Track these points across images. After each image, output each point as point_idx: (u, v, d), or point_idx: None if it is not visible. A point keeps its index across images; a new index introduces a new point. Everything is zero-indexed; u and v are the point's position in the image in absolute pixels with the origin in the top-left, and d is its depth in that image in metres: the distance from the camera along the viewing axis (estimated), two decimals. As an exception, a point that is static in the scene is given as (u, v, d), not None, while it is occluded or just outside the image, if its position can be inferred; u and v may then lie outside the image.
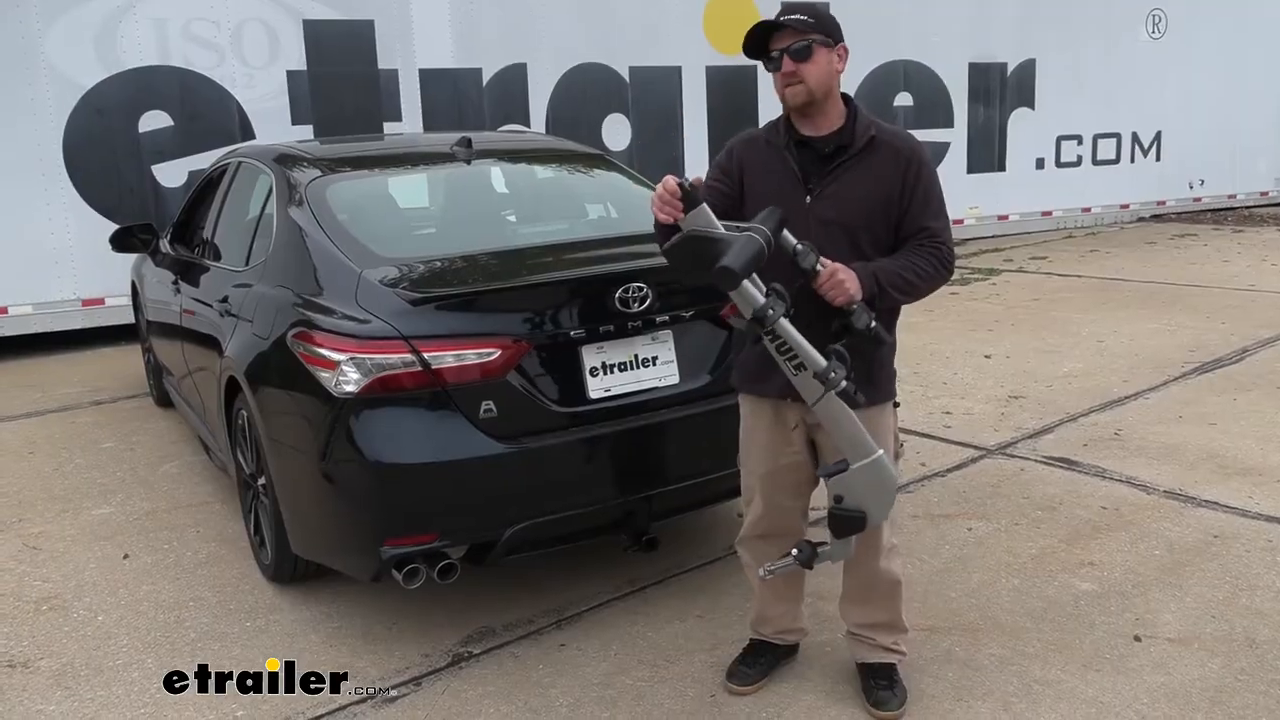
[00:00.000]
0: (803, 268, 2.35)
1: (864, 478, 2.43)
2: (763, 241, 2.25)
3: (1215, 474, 4.36)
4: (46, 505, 4.55)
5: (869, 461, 2.42)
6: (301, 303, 3.29)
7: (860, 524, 2.46)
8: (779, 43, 2.49)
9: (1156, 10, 12.49)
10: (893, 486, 2.46)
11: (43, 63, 7.36)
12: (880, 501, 2.46)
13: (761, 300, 2.28)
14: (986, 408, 5.42)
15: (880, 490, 2.45)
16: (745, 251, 2.21)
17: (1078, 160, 12.45)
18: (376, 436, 2.97)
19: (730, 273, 2.19)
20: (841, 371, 2.32)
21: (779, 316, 2.28)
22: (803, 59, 2.47)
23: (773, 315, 2.28)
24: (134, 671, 3.13)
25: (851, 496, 2.45)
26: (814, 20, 2.48)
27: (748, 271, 2.23)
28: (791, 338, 2.32)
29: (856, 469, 2.42)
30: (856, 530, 2.47)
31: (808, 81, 2.48)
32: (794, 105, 2.53)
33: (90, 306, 7.72)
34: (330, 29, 8.29)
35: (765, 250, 2.25)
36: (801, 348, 2.33)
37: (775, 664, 2.96)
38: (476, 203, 4.34)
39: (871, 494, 2.45)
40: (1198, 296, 8.13)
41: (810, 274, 2.36)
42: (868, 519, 2.46)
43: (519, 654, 3.15)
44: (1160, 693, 2.80)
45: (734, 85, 10.06)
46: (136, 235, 5.54)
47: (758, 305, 2.28)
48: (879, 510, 2.47)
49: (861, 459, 2.42)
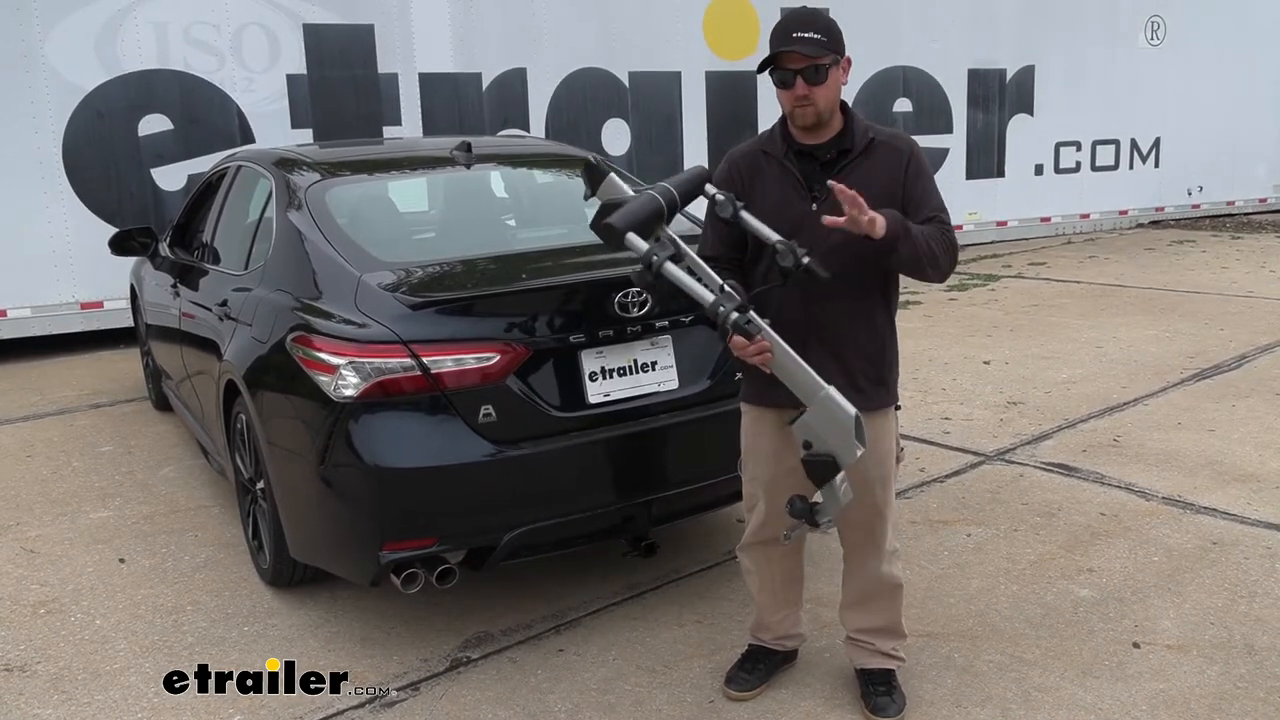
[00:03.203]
0: (781, 266, 2.36)
1: (819, 417, 2.37)
2: (662, 201, 2.37)
3: (1214, 480, 4.36)
4: (44, 509, 4.54)
5: (818, 400, 2.36)
6: (301, 307, 3.29)
7: (833, 467, 2.38)
8: (793, 62, 2.46)
9: (1156, 17, 12.51)
10: (848, 423, 2.33)
11: (43, 65, 7.36)
12: (841, 440, 2.36)
13: (645, 247, 2.35)
14: (985, 413, 5.42)
15: (837, 428, 2.35)
16: (633, 209, 2.35)
17: (1076, 166, 12.46)
18: (375, 441, 2.97)
19: (611, 229, 2.33)
20: (731, 304, 2.32)
21: (664, 260, 2.35)
22: (816, 82, 2.47)
23: (658, 260, 2.34)
24: (131, 676, 3.12)
25: (817, 440, 2.38)
26: (827, 39, 2.46)
27: (630, 228, 2.34)
28: (680, 279, 2.37)
29: (810, 411, 2.37)
30: (831, 474, 2.40)
31: (818, 104, 2.48)
32: (803, 125, 2.53)
33: (89, 310, 7.72)
34: (330, 33, 8.30)
35: (663, 208, 2.38)
36: (691, 288, 2.38)
37: (774, 670, 2.96)
38: (476, 207, 4.34)
39: (831, 434, 2.36)
40: (1196, 303, 8.14)
41: (788, 273, 2.36)
42: (838, 460, 2.37)
43: (517, 659, 3.15)
44: (1159, 700, 2.80)
45: (733, 90, 10.07)
46: (135, 238, 5.53)
47: (642, 251, 2.35)
48: (844, 449, 2.36)
49: (809, 400, 2.37)
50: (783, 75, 2.48)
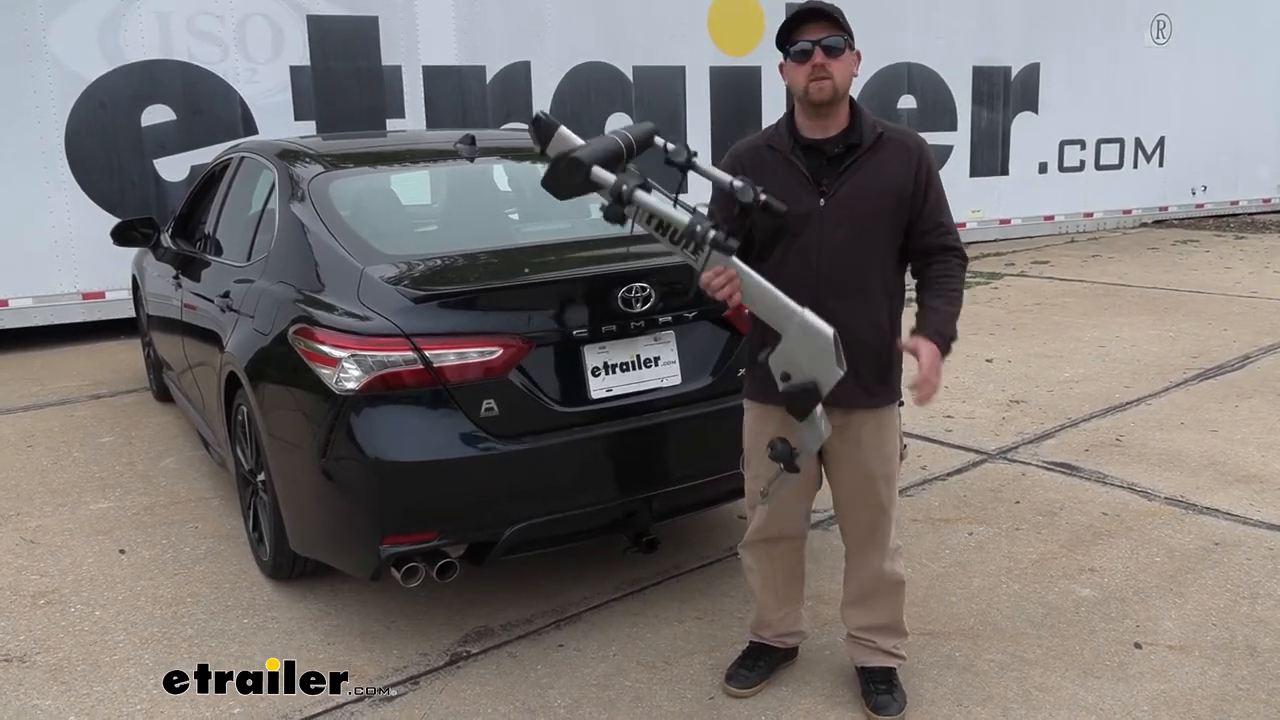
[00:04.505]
0: (741, 202, 2.30)
1: (795, 343, 2.32)
2: (621, 143, 2.36)
3: (1217, 481, 4.35)
4: (45, 499, 4.53)
5: (794, 325, 2.31)
6: (303, 299, 3.28)
7: (814, 395, 2.31)
8: (811, 33, 2.46)
9: (1161, 16, 12.48)
10: (826, 343, 2.28)
11: (46, 55, 7.35)
12: (821, 363, 2.29)
13: (613, 178, 2.31)
14: (988, 412, 5.41)
15: (816, 350, 2.29)
16: (596, 146, 2.33)
17: (1080, 165, 12.45)
18: (377, 434, 2.96)
19: (578, 163, 2.27)
20: (708, 223, 2.28)
21: (635, 188, 2.29)
22: (835, 55, 2.46)
23: (628, 188, 2.29)
24: (131, 667, 3.12)
25: (795, 370, 2.33)
26: (841, 22, 2.48)
27: (596, 162, 2.29)
28: (653, 206, 2.31)
29: (786, 339, 2.33)
30: (814, 403, 2.33)
31: (835, 78, 2.46)
32: (818, 101, 2.49)
33: (90, 300, 7.71)
34: (334, 24, 8.28)
35: (622, 149, 2.36)
36: (666, 213, 2.32)
37: (775, 667, 2.95)
38: (479, 200, 4.33)
39: (810, 359, 2.30)
40: (1200, 303, 8.13)
41: (749, 208, 2.31)
42: (819, 386, 2.31)
43: (517, 654, 3.14)
44: (1160, 700, 2.79)
45: (738, 85, 10.03)
46: (138, 229, 5.53)
47: (611, 183, 2.30)
48: (824, 372, 2.29)
49: (784, 326, 2.32)
50: (801, 46, 2.46)
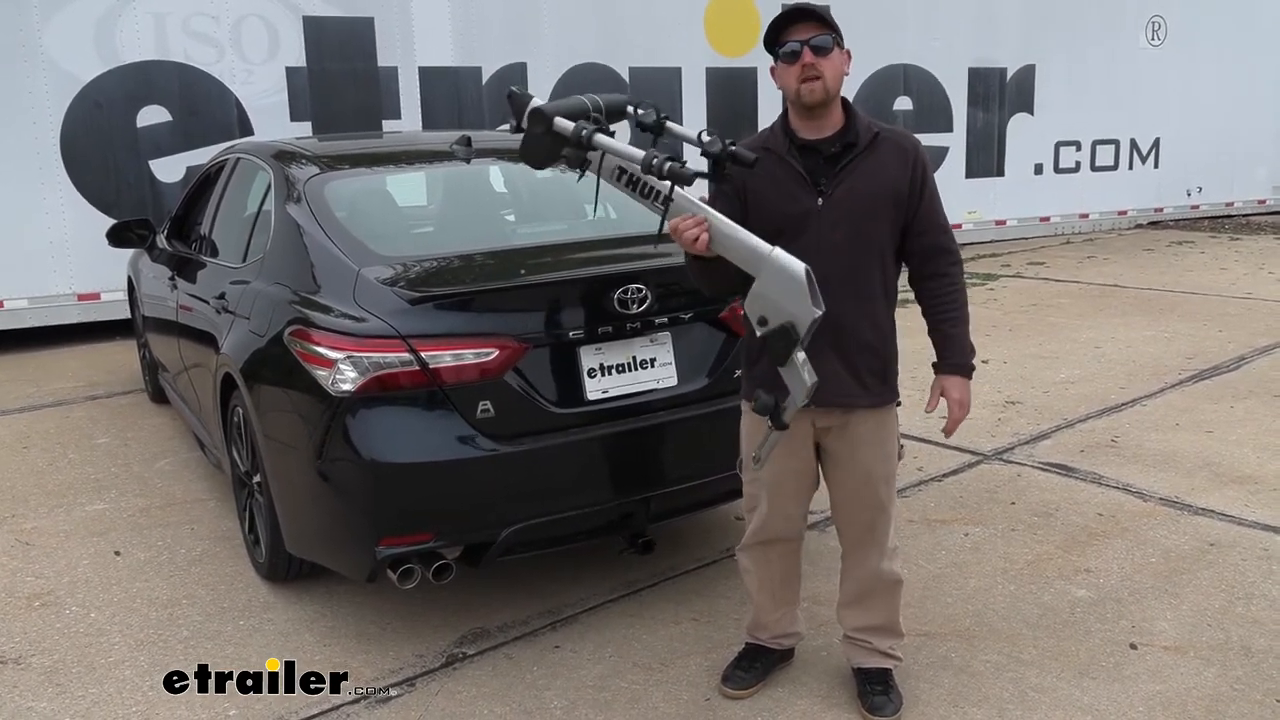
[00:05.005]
0: (710, 153, 2.30)
1: (768, 285, 2.28)
2: (588, 103, 2.44)
3: (1212, 482, 4.36)
4: (40, 500, 4.52)
5: (766, 264, 2.28)
6: (299, 300, 3.28)
7: (792, 336, 2.26)
8: (800, 33, 2.48)
9: (1157, 17, 12.51)
10: (800, 279, 2.23)
11: (41, 56, 7.33)
12: (796, 302, 2.24)
13: (572, 125, 2.38)
14: (983, 413, 5.41)
15: (790, 287, 2.24)
16: (559, 102, 2.42)
17: (1076, 166, 12.46)
18: (373, 435, 2.95)
19: (540, 113, 2.38)
20: (665, 155, 2.27)
21: (594, 132, 2.36)
22: (823, 54, 2.47)
23: (587, 132, 2.36)
24: (126, 669, 3.11)
25: (771, 312, 2.29)
26: (829, 21, 2.49)
27: (557, 112, 2.39)
28: (610, 145, 2.38)
29: (760, 280, 2.29)
30: (791, 346, 2.28)
31: (825, 78, 2.47)
32: (810, 103, 2.50)
33: (86, 301, 7.69)
34: (330, 25, 8.27)
35: (588, 106, 2.43)
36: (622, 150, 2.38)
37: (771, 668, 2.95)
38: (475, 202, 4.32)
39: (784, 297, 2.25)
40: (1195, 304, 8.14)
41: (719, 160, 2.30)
42: (795, 327, 2.26)
43: (513, 655, 3.14)
44: (1156, 701, 2.80)
45: (734, 86, 10.04)
46: (133, 230, 5.52)
47: (570, 129, 2.38)
48: (800, 309, 2.24)
49: (756, 268, 2.29)
50: (790, 47, 2.48)
